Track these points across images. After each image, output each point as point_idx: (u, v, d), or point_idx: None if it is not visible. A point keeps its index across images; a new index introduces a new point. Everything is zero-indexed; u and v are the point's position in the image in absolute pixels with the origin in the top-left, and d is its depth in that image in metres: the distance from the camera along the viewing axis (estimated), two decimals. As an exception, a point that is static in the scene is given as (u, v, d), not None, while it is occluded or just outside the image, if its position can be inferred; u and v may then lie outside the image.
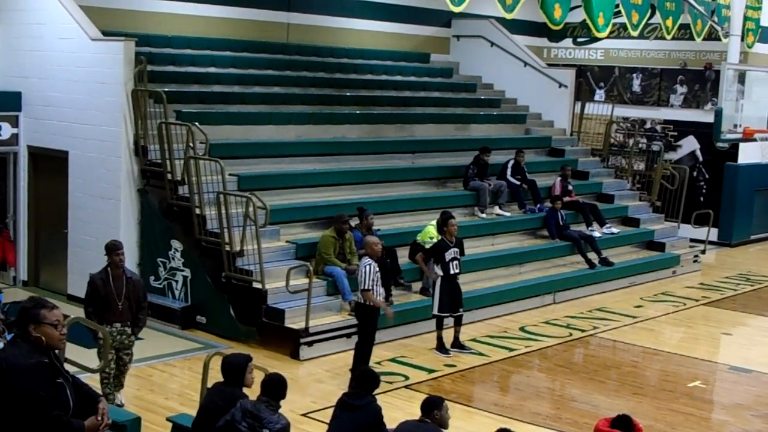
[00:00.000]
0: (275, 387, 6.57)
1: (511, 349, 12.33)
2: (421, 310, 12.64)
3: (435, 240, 12.99)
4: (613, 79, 22.44)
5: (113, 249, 9.36)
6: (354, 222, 12.91)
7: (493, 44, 20.12)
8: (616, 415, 6.70)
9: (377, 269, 10.34)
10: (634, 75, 22.17)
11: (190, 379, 10.50)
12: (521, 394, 10.78)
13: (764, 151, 21.15)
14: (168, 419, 8.35)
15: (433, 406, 6.93)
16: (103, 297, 9.18)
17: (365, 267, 10.30)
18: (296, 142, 15.01)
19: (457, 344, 12.05)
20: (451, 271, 11.76)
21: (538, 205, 16.66)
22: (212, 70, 15.65)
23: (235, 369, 6.81)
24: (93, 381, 9.40)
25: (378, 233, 12.59)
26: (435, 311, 11.85)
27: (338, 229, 12.44)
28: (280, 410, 6.55)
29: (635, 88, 22.18)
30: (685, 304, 15.34)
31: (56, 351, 5.21)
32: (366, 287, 10.25)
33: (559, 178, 17.13)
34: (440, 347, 11.90)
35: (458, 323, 12.04)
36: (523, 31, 21.39)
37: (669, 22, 18.39)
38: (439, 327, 11.94)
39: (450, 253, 11.76)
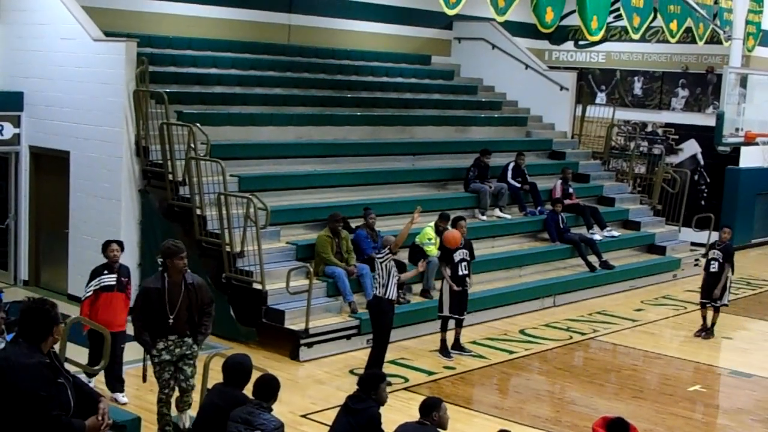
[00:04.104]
0: (264, 388, 6.59)
1: (511, 352, 12.32)
2: (420, 312, 12.64)
3: (433, 241, 13.02)
4: (615, 82, 22.43)
5: (177, 252, 7.97)
6: (359, 222, 13.01)
7: (494, 47, 20.11)
8: (612, 418, 6.66)
9: (392, 263, 10.44)
10: (636, 78, 22.15)
11: (190, 380, 10.48)
12: (521, 397, 10.77)
13: (766, 155, 21.13)
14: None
15: (431, 408, 6.90)
16: (156, 309, 7.98)
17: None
18: (297, 143, 15.02)
19: (458, 346, 12.03)
20: (460, 273, 11.74)
21: (539, 208, 16.65)
22: (213, 71, 15.66)
23: (236, 370, 6.82)
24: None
25: (379, 234, 12.62)
26: (444, 312, 11.79)
27: (333, 228, 12.48)
28: (274, 412, 6.55)
29: (636, 91, 22.17)
30: (685, 308, 15.31)
31: (56, 351, 5.21)
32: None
33: (559, 181, 17.12)
34: (443, 350, 11.88)
35: (459, 325, 12.01)
36: (525, 33, 21.36)
37: (673, 26, 18.33)
38: (444, 329, 11.91)
39: (458, 254, 11.74)
